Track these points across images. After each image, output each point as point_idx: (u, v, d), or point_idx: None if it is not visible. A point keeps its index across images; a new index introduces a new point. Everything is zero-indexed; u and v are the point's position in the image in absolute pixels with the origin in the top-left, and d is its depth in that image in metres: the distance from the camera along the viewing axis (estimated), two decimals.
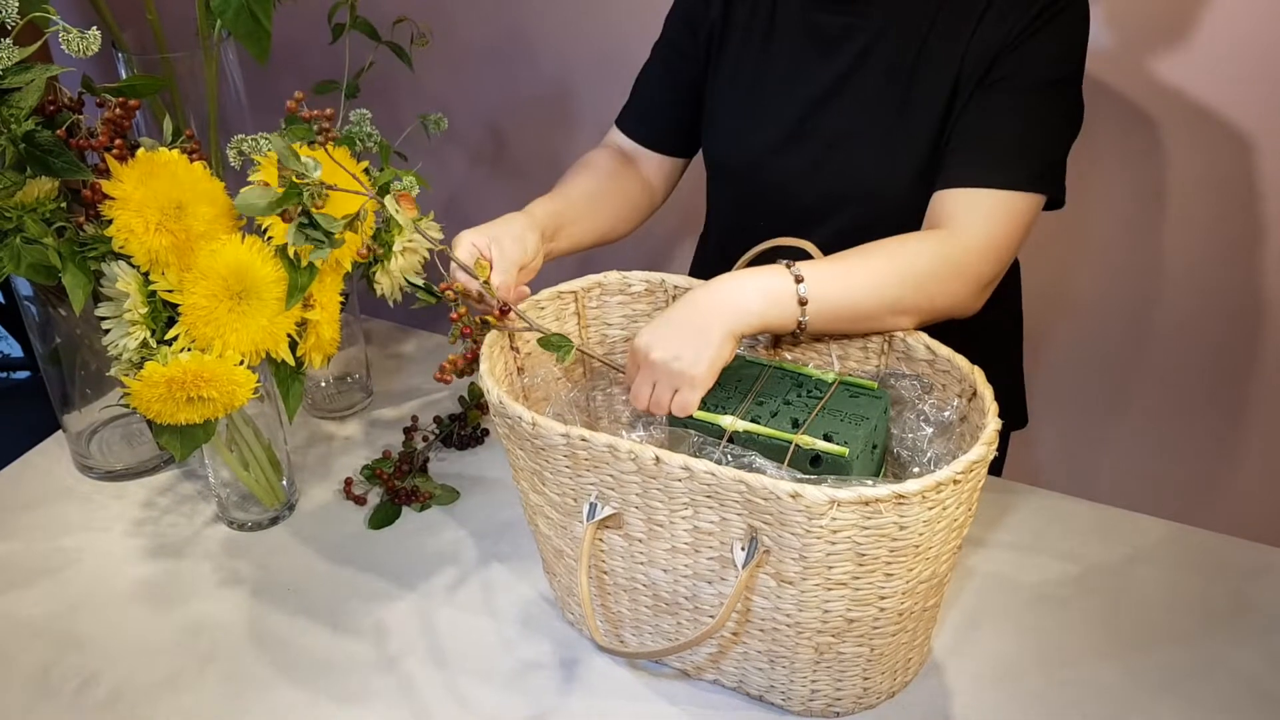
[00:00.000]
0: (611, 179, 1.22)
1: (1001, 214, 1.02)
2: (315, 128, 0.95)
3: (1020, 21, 1.02)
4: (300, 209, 0.88)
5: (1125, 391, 1.66)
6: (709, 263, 1.32)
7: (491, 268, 0.98)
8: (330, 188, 0.88)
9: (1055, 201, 1.06)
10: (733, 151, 1.20)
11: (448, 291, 0.96)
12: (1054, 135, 1.05)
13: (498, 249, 1.00)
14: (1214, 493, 1.67)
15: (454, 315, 0.97)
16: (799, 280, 0.94)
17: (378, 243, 1.02)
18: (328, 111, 0.97)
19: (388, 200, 0.91)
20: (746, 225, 1.20)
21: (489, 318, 0.97)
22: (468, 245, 0.99)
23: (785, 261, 0.96)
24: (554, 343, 0.98)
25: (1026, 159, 1.03)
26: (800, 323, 0.95)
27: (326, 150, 0.92)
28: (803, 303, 0.94)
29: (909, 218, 1.08)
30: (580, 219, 1.15)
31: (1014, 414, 1.33)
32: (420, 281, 1.00)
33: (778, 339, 1.02)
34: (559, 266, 1.98)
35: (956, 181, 1.03)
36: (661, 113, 1.26)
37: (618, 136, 1.28)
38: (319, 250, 0.88)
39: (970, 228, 1.01)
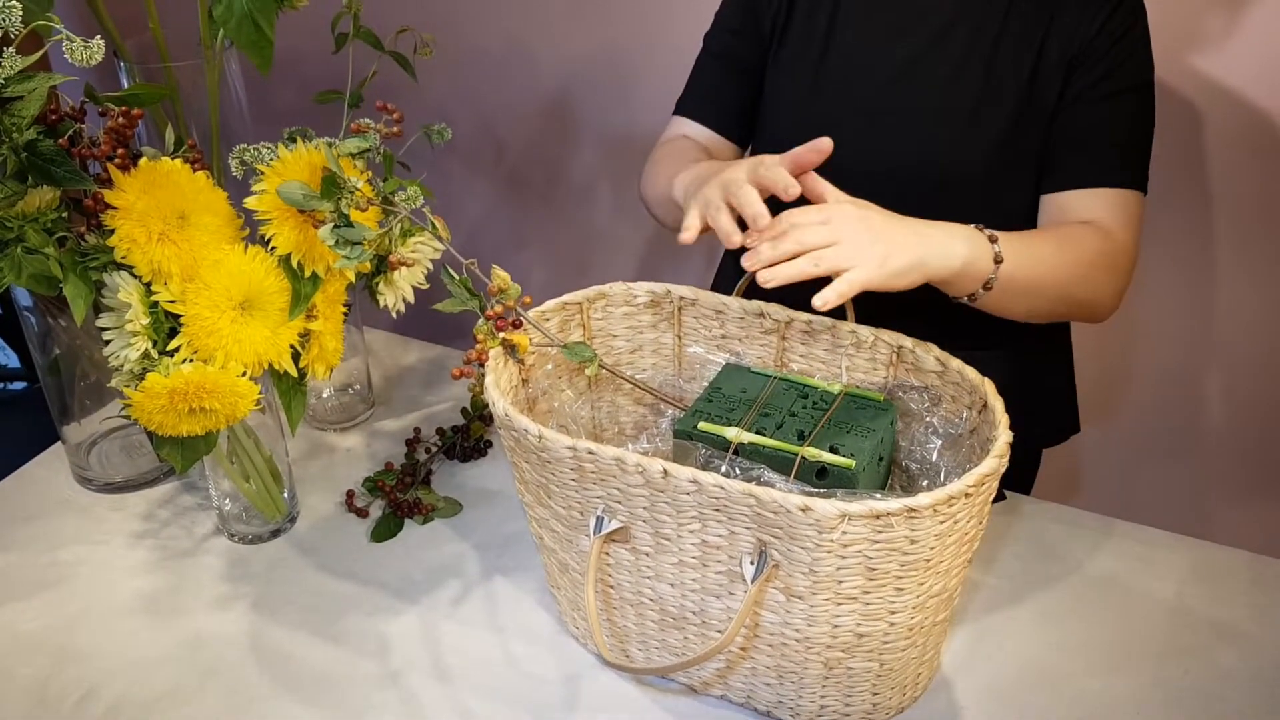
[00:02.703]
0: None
1: (1137, 213, 1.09)
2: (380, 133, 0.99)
3: (1100, 14, 1.06)
4: (336, 211, 0.88)
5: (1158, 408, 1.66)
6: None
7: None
8: (371, 201, 0.89)
9: None
10: (795, 132, 1.16)
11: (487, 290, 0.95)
12: (1148, 137, 1.11)
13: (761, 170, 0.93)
14: (1230, 505, 1.66)
15: (489, 313, 0.96)
16: (993, 240, 0.95)
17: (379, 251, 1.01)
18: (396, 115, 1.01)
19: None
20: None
21: (506, 334, 0.96)
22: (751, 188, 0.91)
23: (975, 225, 0.95)
24: (578, 352, 0.97)
25: (1137, 158, 1.10)
26: (988, 283, 0.95)
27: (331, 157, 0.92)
28: (998, 261, 0.94)
29: (980, 203, 1.11)
30: None
31: (1062, 421, 1.33)
32: (456, 277, 0.97)
33: (785, 338, 1.01)
34: (562, 277, 1.98)
35: (1093, 181, 1.07)
36: (725, 97, 1.24)
37: (685, 127, 1.25)
38: (346, 260, 0.88)
39: (1121, 228, 1.06)
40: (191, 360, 0.91)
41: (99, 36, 0.86)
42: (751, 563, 0.81)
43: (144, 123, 0.98)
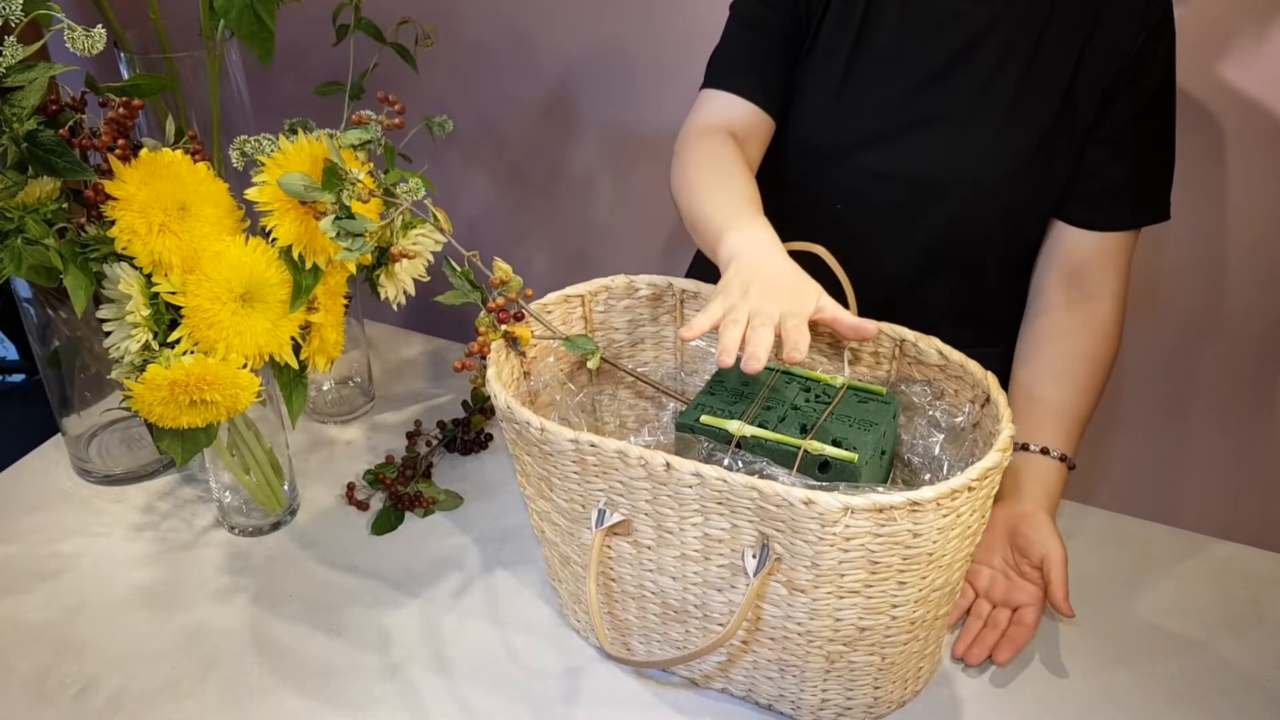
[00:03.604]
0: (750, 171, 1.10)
1: (1131, 252, 1.13)
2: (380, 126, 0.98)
3: (1140, 34, 1.05)
4: (338, 202, 0.87)
5: (1146, 396, 1.65)
6: None
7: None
8: (373, 193, 0.88)
9: None
10: (823, 127, 1.15)
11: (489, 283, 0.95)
12: (1171, 155, 1.12)
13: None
14: (1228, 500, 1.66)
15: (491, 306, 0.95)
16: (1064, 460, 1.06)
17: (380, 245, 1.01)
18: (397, 106, 1.00)
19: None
20: (820, 214, 1.17)
21: (508, 327, 0.96)
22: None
23: (1057, 455, 1.05)
24: (580, 344, 0.97)
25: (1164, 188, 1.12)
26: (1070, 466, 1.07)
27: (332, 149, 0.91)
28: (1071, 468, 1.06)
29: (1003, 214, 1.11)
30: None
31: None
32: (459, 269, 0.97)
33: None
34: (563, 270, 1.98)
35: (1126, 225, 1.12)
36: (766, 68, 1.15)
37: (722, 110, 1.14)
38: (347, 251, 0.87)
39: (1113, 282, 1.12)
40: (192, 352, 0.91)
41: (100, 26, 0.86)
42: (754, 556, 0.81)
43: (144, 114, 0.98)
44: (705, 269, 1.34)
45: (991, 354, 1.09)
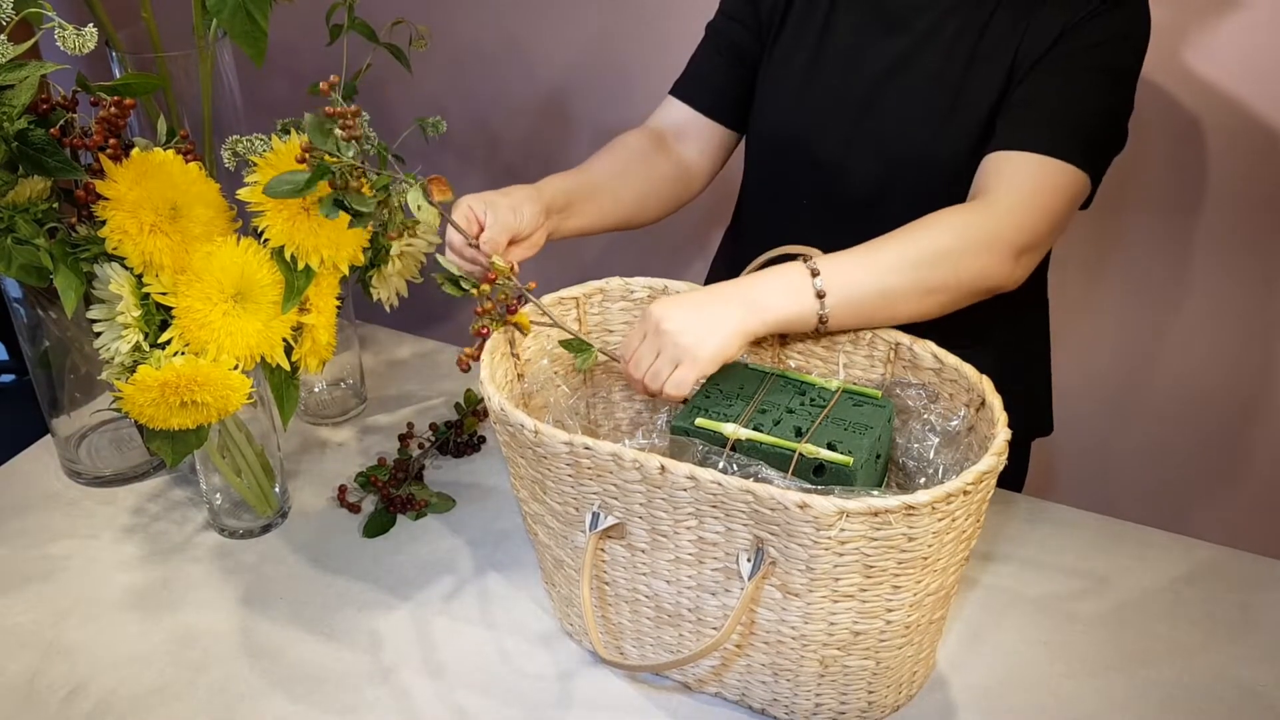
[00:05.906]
0: (640, 160, 1.19)
1: (1037, 179, 1.01)
2: (339, 124, 0.94)
3: (1083, 9, 1.03)
4: (333, 174, 0.86)
5: (1133, 402, 1.65)
6: (741, 256, 1.30)
7: (482, 229, 0.98)
8: (361, 168, 0.86)
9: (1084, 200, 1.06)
10: (787, 124, 1.17)
11: (485, 277, 0.95)
12: (1100, 119, 1.05)
13: (491, 213, 0.98)
14: (1221, 505, 1.66)
15: (479, 310, 0.95)
16: (815, 274, 0.93)
17: (374, 246, 1.01)
18: (354, 109, 0.96)
19: (413, 195, 0.89)
20: (790, 209, 1.19)
21: (509, 318, 0.96)
22: (464, 209, 0.98)
23: (803, 257, 0.95)
24: (575, 346, 0.96)
25: (1069, 129, 1.02)
26: (821, 316, 0.93)
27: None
28: (820, 295, 0.93)
29: (961, 200, 1.09)
30: (597, 197, 1.13)
31: (1039, 420, 1.33)
32: (453, 270, 0.97)
33: (784, 339, 1.01)
34: (561, 272, 1.98)
35: (996, 145, 1.03)
36: (716, 79, 1.23)
37: (665, 112, 1.25)
38: (357, 220, 0.86)
39: (1003, 195, 1.00)
40: (183, 353, 0.90)
41: (91, 25, 0.85)
42: (748, 559, 0.80)
43: (136, 113, 0.97)
44: (723, 276, 1.35)
45: (975, 354, 1.08)
